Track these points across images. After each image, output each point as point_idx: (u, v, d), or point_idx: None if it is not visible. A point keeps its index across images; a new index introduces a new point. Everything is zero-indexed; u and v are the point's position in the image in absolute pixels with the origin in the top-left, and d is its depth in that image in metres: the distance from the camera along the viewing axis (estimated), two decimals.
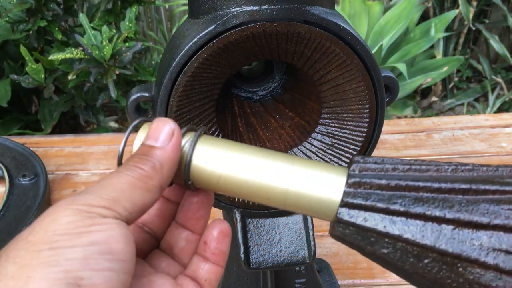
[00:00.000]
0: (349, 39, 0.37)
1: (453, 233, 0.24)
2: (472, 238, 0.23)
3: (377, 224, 0.25)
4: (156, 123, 0.29)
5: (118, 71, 1.08)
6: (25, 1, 1.07)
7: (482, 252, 0.23)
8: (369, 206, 0.26)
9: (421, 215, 0.24)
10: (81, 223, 0.23)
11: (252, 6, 0.35)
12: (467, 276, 0.23)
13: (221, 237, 0.32)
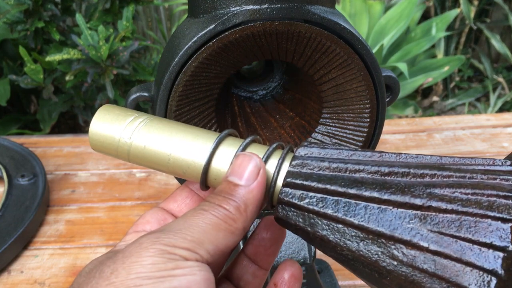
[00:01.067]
0: (350, 38, 0.36)
1: (389, 214, 0.24)
2: (407, 219, 0.23)
3: (317, 204, 0.25)
4: (241, 159, 0.28)
5: (115, 70, 1.08)
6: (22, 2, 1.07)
7: (416, 234, 0.23)
8: (310, 186, 0.26)
9: (359, 196, 0.25)
10: (163, 265, 0.23)
11: (252, 5, 0.34)
12: (401, 259, 0.23)
13: (292, 281, 0.30)
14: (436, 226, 0.23)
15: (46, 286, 0.65)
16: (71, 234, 0.75)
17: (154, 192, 0.84)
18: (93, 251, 0.71)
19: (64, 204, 0.82)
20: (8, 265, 0.68)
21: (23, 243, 0.71)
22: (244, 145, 0.29)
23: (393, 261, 0.23)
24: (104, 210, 0.80)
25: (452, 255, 0.22)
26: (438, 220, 0.23)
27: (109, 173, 0.90)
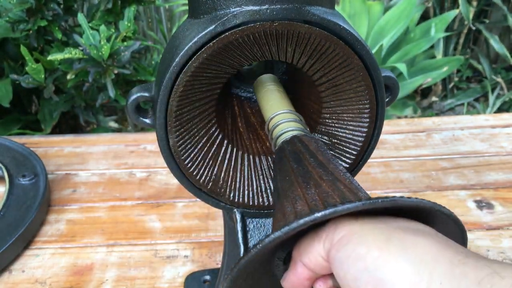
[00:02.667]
0: (349, 39, 0.37)
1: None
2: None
3: (293, 154, 0.37)
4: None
5: (116, 70, 1.08)
6: (25, 1, 1.07)
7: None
8: (297, 148, 0.37)
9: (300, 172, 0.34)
10: None
11: (252, 6, 0.35)
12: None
13: None
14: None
15: (47, 286, 0.65)
16: (72, 233, 0.75)
17: (155, 192, 0.84)
18: (94, 251, 0.71)
19: (65, 204, 0.82)
20: (9, 265, 0.69)
21: (24, 243, 0.72)
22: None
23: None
24: (105, 210, 0.80)
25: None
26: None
27: (109, 173, 0.90)
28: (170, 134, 0.40)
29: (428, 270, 0.22)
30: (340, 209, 0.26)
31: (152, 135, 1.00)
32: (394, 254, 0.24)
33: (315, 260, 0.28)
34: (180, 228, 0.76)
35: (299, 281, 0.30)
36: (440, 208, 0.27)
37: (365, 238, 0.25)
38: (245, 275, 0.31)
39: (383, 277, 0.23)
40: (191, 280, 0.65)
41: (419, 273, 0.22)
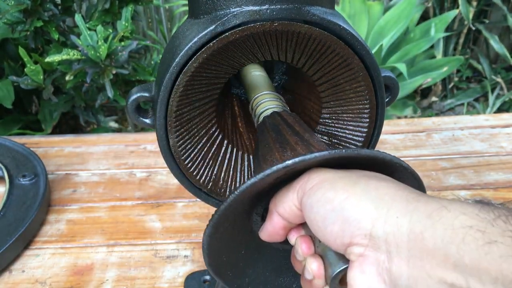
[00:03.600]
0: (349, 39, 0.37)
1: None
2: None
3: (272, 126, 0.39)
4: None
5: (115, 70, 1.08)
6: (21, 2, 1.07)
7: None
8: (277, 122, 0.40)
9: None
10: None
11: (252, 6, 0.35)
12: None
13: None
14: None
15: (47, 286, 0.65)
16: (72, 233, 0.75)
17: (155, 192, 0.84)
18: (94, 251, 0.71)
19: (65, 204, 0.82)
20: (9, 265, 0.69)
21: (24, 243, 0.72)
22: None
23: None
24: (105, 210, 0.80)
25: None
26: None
27: (110, 173, 0.90)
28: (170, 134, 0.40)
29: (387, 207, 0.25)
30: (308, 158, 0.28)
31: (152, 135, 1.00)
32: (358, 195, 0.26)
33: (289, 209, 0.30)
34: (180, 228, 0.76)
35: (274, 231, 0.32)
36: (399, 161, 0.29)
37: (334, 184, 0.28)
38: (226, 224, 0.32)
39: (348, 215, 0.26)
40: (191, 280, 0.65)
41: (378, 210, 0.25)
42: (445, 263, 0.22)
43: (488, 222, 0.22)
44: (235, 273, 0.36)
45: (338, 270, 0.28)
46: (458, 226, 0.22)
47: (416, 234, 0.23)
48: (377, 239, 0.25)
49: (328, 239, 0.27)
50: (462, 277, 0.21)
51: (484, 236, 0.21)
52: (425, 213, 0.24)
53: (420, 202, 0.25)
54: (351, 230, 0.26)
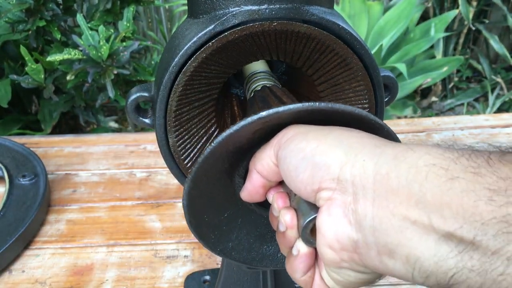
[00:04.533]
0: (348, 38, 0.37)
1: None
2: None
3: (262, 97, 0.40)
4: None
5: (116, 70, 1.08)
6: (24, 1, 1.07)
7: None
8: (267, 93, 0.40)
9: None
10: None
11: (251, 5, 0.35)
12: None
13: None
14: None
15: (47, 286, 0.65)
16: (72, 233, 0.75)
17: (155, 192, 0.84)
18: (94, 251, 0.71)
19: (65, 204, 0.82)
20: (9, 265, 0.69)
21: (24, 243, 0.72)
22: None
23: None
24: (105, 210, 0.80)
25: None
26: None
27: (109, 173, 0.90)
28: (169, 134, 0.40)
29: (355, 153, 0.26)
30: (281, 109, 0.29)
31: (152, 135, 1.00)
32: (329, 144, 0.27)
33: (267, 165, 0.31)
34: (180, 228, 0.76)
35: (254, 189, 0.32)
36: (374, 118, 0.30)
37: (306, 135, 0.28)
38: (206, 181, 0.33)
39: (318, 161, 0.26)
40: (191, 280, 0.65)
41: (347, 155, 0.26)
42: (408, 201, 0.22)
43: (451, 160, 0.22)
44: (218, 237, 0.36)
45: (309, 219, 0.28)
46: (422, 165, 0.23)
47: (381, 175, 0.24)
48: (345, 182, 0.25)
49: (299, 187, 0.28)
50: (424, 213, 0.22)
51: (447, 173, 0.22)
52: (391, 156, 0.24)
53: (387, 147, 0.25)
54: (320, 175, 0.26)
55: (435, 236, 0.22)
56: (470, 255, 0.21)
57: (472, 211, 0.21)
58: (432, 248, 0.22)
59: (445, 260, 0.21)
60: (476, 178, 0.21)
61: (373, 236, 0.24)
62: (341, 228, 0.25)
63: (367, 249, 0.24)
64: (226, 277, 0.54)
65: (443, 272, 0.22)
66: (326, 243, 0.26)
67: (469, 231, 0.21)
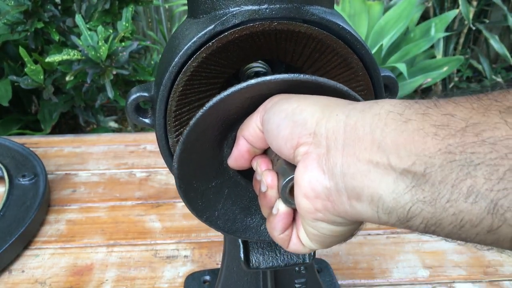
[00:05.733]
0: (348, 38, 0.37)
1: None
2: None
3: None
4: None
5: (115, 71, 1.08)
6: (22, 3, 1.07)
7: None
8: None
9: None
10: None
11: (251, 5, 0.35)
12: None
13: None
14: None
15: (47, 286, 0.65)
16: (71, 233, 0.75)
17: (155, 192, 0.84)
18: (94, 251, 0.71)
19: (65, 204, 0.82)
20: (9, 265, 0.69)
21: (24, 243, 0.72)
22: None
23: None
24: (105, 210, 0.80)
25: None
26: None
27: (109, 173, 0.90)
28: (169, 133, 0.40)
29: (330, 110, 0.28)
30: (269, 78, 0.31)
31: (152, 135, 1.00)
32: (308, 103, 0.29)
33: (253, 131, 0.33)
34: (180, 228, 0.76)
35: (240, 154, 0.35)
36: (354, 94, 0.32)
37: (289, 99, 0.31)
38: (197, 146, 0.35)
39: (297, 119, 0.29)
40: (191, 280, 0.65)
41: (323, 112, 0.28)
42: (371, 146, 0.25)
43: (406, 106, 0.25)
44: (205, 205, 0.38)
45: (288, 178, 0.30)
46: (383, 113, 0.25)
47: (350, 126, 0.26)
48: (320, 136, 0.27)
49: (280, 144, 0.30)
50: (384, 155, 0.24)
51: (401, 117, 0.24)
52: (359, 109, 0.27)
53: (359, 104, 0.27)
54: (298, 131, 0.28)
55: (393, 175, 0.24)
56: (422, 188, 0.23)
57: (422, 147, 0.23)
58: (391, 186, 0.24)
59: (402, 195, 0.23)
60: (424, 117, 0.23)
61: (343, 182, 0.26)
62: (315, 177, 0.27)
63: (338, 196, 0.26)
64: (226, 277, 0.54)
65: (401, 207, 0.24)
66: (302, 193, 0.28)
67: (420, 166, 0.23)
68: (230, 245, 0.51)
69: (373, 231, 0.74)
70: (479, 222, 0.21)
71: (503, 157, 0.20)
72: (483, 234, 0.22)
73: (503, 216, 0.21)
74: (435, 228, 0.23)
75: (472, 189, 0.21)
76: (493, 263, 0.68)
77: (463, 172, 0.21)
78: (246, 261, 0.43)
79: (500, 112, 0.22)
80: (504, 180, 0.20)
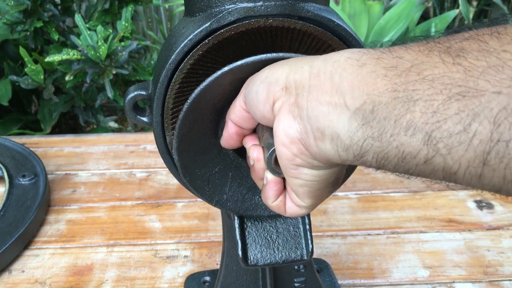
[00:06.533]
0: (344, 35, 0.37)
1: None
2: None
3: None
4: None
5: (114, 70, 1.08)
6: (21, 2, 1.07)
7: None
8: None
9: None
10: None
11: (247, 3, 0.35)
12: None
13: None
14: None
15: (47, 286, 0.65)
16: (72, 234, 0.75)
17: (155, 192, 0.84)
18: (94, 251, 0.71)
19: (65, 204, 0.82)
20: (9, 265, 0.69)
21: (24, 243, 0.72)
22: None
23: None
24: (105, 210, 0.80)
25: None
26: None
27: (109, 173, 0.90)
28: (166, 131, 0.40)
29: (297, 64, 0.30)
30: (239, 63, 0.34)
31: (152, 135, 1.00)
32: (279, 66, 0.32)
33: (239, 113, 0.35)
34: (180, 228, 0.76)
35: (229, 136, 0.36)
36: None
37: (265, 70, 0.33)
38: (192, 135, 0.37)
39: (271, 79, 0.31)
40: (191, 280, 0.65)
41: (291, 67, 0.30)
42: (331, 89, 0.27)
43: (363, 53, 0.27)
44: (213, 190, 0.40)
45: (272, 149, 0.32)
46: (342, 60, 0.27)
47: (314, 74, 0.28)
48: (290, 87, 0.29)
49: (261, 110, 0.31)
50: (341, 97, 0.26)
51: (358, 62, 0.26)
52: (322, 59, 0.29)
53: (322, 56, 0.29)
54: (272, 89, 0.30)
55: (348, 114, 0.26)
56: (370, 125, 0.25)
57: (373, 88, 0.25)
58: (346, 125, 0.26)
59: (355, 132, 0.25)
60: (378, 61, 0.25)
61: (309, 124, 0.28)
62: (287, 123, 0.29)
63: (307, 137, 0.28)
64: (225, 277, 0.54)
65: (355, 143, 0.26)
66: (279, 142, 0.30)
67: (369, 104, 0.25)
68: (228, 244, 0.51)
69: (373, 231, 0.74)
70: (417, 153, 0.23)
71: (438, 93, 0.22)
72: (421, 165, 0.24)
73: (435, 147, 0.22)
74: (384, 162, 0.25)
75: (410, 123, 0.23)
76: (493, 263, 0.67)
77: (404, 108, 0.23)
78: (244, 258, 0.43)
79: (440, 52, 0.23)
80: (437, 113, 0.22)
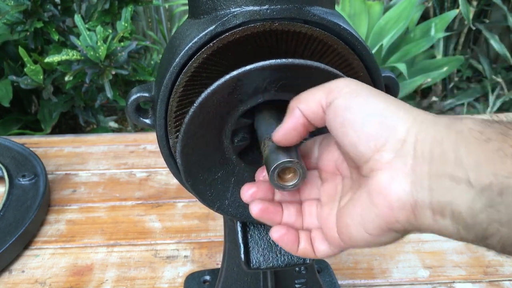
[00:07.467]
0: (349, 39, 0.36)
1: None
2: None
3: None
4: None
5: (114, 71, 1.08)
6: (21, 3, 1.07)
7: None
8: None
9: None
10: None
11: (252, 6, 0.35)
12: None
13: None
14: None
15: (47, 286, 0.65)
16: (72, 234, 0.75)
17: (155, 192, 0.84)
18: (94, 251, 0.71)
19: (65, 204, 0.82)
20: (9, 265, 0.69)
21: (24, 243, 0.72)
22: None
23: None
24: (105, 210, 0.80)
25: None
26: None
27: (109, 173, 0.90)
28: (170, 134, 0.40)
29: (421, 121, 0.28)
30: (268, 63, 0.33)
31: (152, 135, 1.00)
32: (396, 105, 0.29)
33: (315, 108, 0.32)
34: (180, 228, 0.76)
35: (294, 126, 0.32)
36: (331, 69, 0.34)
37: (371, 91, 0.30)
38: (196, 141, 0.36)
39: (388, 121, 0.29)
40: (191, 280, 0.65)
41: (415, 121, 0.28)
42: (455, 162, 0.25)
43: (486, 125, 0.26)
44: (215, 195, 0.40)
45: (276, 164, 0.31)
46: (466, 130, 0.26)
47: (437, 140, 0.26)
48: (409, 144, 0.27)
49: (360, 141, 0.29)
50: (464, 172, 0.25)
51: (482, 136, 0.25)
52: (444, 124, 0.27)
53: (442, 118, 0.28)
54: (387, 134, 0.28)
55: (472, 192, 0.24)
56: (497, 209, 0.23)
57: (501, 168, 0.23)
58: (470, 204, 0.24)
59: (478, 214, 0.24)
60: (504, 138, 0.24)
61: (430, 196, 0.26)
62: (401, 187, 0.27)
63: (423, 209, 0.27)
64: (226, 278, 0.54)
65: (478, 224, 0.24)
66: (386, 202, 0.28)
67: (497, 185, 0.23)
68: (230, 246, 0.51)
69: None
70: None
71: None
72: None
73: None
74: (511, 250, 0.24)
75: None
76: (493, 263, 0.68)
77: None
78: (247, 261, 0.43)
79: None
80: None
